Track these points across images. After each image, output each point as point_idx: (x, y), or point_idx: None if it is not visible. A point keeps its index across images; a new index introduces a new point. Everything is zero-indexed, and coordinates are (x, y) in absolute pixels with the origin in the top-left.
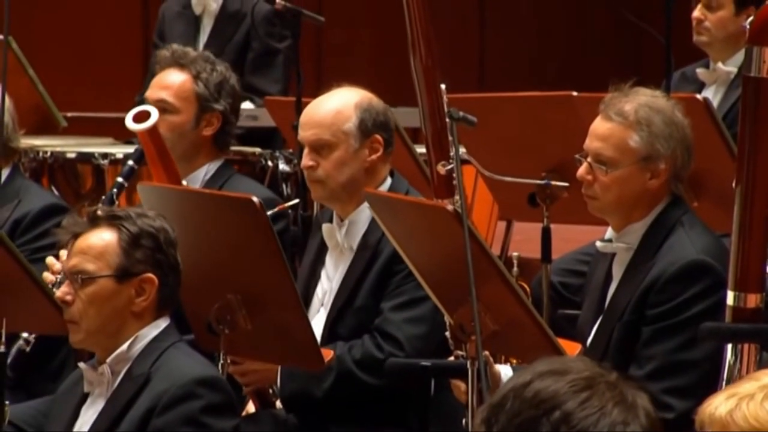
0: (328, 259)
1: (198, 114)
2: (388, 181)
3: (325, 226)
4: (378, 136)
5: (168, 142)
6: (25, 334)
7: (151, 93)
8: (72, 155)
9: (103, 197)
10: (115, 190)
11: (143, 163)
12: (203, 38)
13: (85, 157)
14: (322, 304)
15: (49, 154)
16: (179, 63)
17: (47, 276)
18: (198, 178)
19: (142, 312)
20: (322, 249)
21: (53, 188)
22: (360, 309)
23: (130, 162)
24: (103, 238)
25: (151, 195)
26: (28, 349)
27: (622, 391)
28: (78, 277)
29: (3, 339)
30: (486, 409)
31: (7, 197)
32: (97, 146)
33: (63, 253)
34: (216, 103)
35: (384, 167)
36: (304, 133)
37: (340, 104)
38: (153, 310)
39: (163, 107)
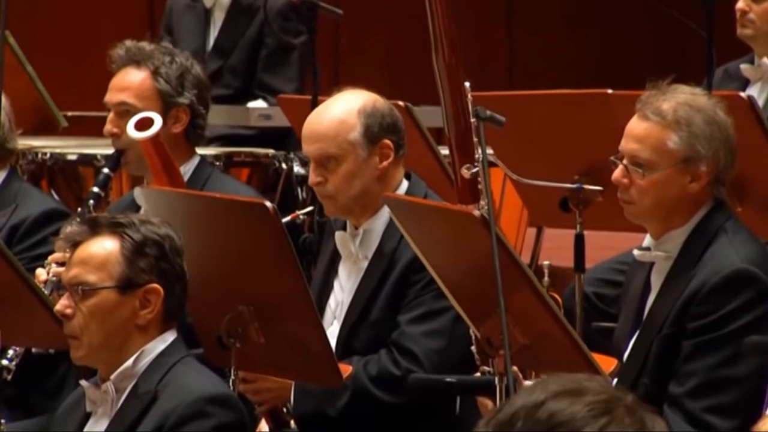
0: (342, 269)
1: (163, 112)
2: (404, 184)
3: (338, 234)
4: (387, 141)
5: (136, 145)
6: (11, 351)
7: (110, 96)
8: (73, 157)
9: (79, 209)
10: (91, 201)
11: (119, 170)
12: (214, 32)
13: (86, 159)
14: (335, 317)
15: (48, 155)
16: (135, 60)
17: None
18: None
19: (148, 325)
20: (335, 257)
21: (53, 192)
22: (376, 322)
23: (105, 170)
24: (105, 246)
25: (155, 200)
26: (11, 364)
27: (642, 417)
28: (78, 289)
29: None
30: (491, 425)
31: (3, 202)
32: (99, 147)
33: (55, 257)
34: (180, 97)
35: (397, 171)
36: (307, 148)
37: (342, 113)
38: (159, 323)
39: (125, 110)
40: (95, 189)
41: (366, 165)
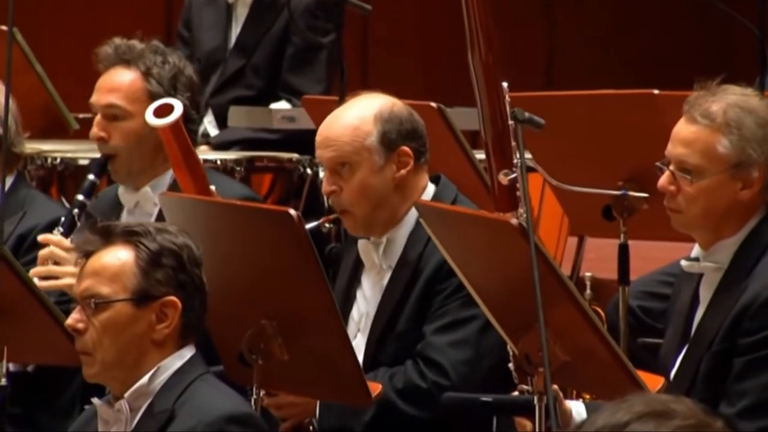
0: (365, 279)
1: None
2: (431, 189)
3: (361, 243)
4: (405, 148)
5: (124, 152)
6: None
7: (98, 98)
8: (85, 162)
9: (62, 219)
10: (75, 210)
11: (104, 176)
12: (236, 29)
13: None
14: (358, 329)
15: (58, 160)
16: (124, 59)
17: (57, 249)
18: (163, 183)
19: (164, 340)
20: (358, 266)
21: (63, 199)
22: (402, 334)
23: (90, 176)
24: (119, 257)
25: (172, 207)
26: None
27: None
28: (91, 302)
29: (4, 370)
30: None
31: (10, 209)
32: None
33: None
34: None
35: (418, 180)
36: (321, 154)
37: (357, 118)
38: (176, 338)
39: (114, 113)
40: (80, 197)
41: (382, 173)
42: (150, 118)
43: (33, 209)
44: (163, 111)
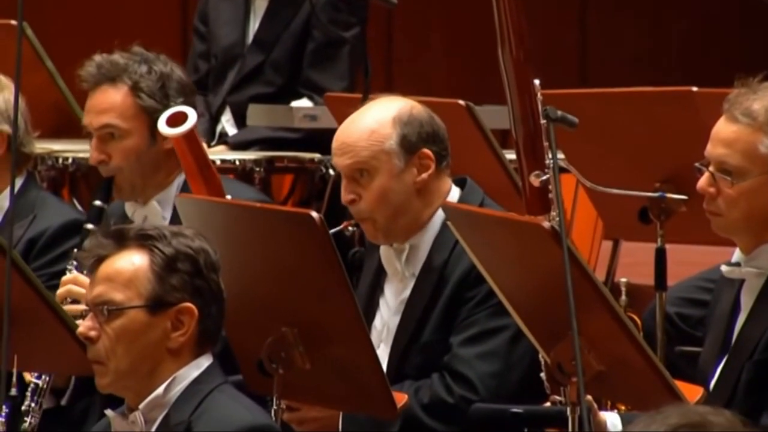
0: (388, 287)
1: (151, 128)
2: (455, 193)
3: (383, 250)
4: (426, 151)
5: (126, 170)
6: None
7: (90, 120)
8: None
9: (74, 251)
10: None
11: (110, 202)
12: (254, 24)
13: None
14: (381, 339)
15: (70, 160)
16: (109, 77)
17: (74, 287)
18: (171, 194)
19: (180, 349)
20: (380, 273)
21: (75, 201)
22: (427, 345)
23: (97, 202)
24: (133, 261)
25: (188, 210)
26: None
27: None
28: (103, 309)
29: (15, 380)
30: None
31: (20, 212)
32: None
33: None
34: (166, 109)
35: (441, 184)
36: (338, 160)
37: (375, 121)
38: (193, 347)
39: (110, 133)
40: (89, 226)
41: (402, 178)
42: (163, 127)
43: (43, 212)
44: (176, 119)
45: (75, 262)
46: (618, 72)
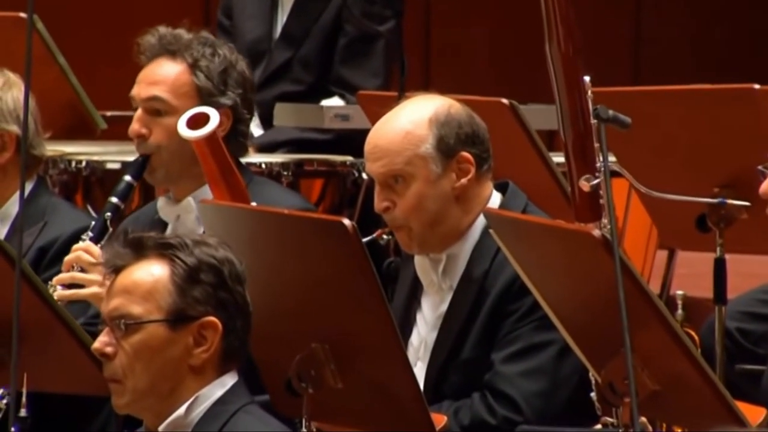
0: (425, 300)
1: None
2: (496, 198)
3: (418, 260)
4: (465, 154)
5: (165, 152)
6: None
7: (139, 90)
8: (113, 165)
9: (92, 223)
10: (108, 214)
11: (142, 178)
12: (282, 17)
13: (113, 191)
14: (418, 357)
15: (84, 163)
16: (170, 50)
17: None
18: (207, 193)
19: (203, 366)
20: (416, 286)
21: (89, 207)
22: (466, 362)
23: (127, 177)
24: (152, 272)
25: (212, 216)
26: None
27: None
28: (121, 323)
29: (24, 400)
30: None
31: (30, 219)
32: None
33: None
34: (223, 97)
35: (482, 189)
36: (371, 166)
37: (409, 122)
38: (216, 364)
39: (156, 108)
40: (114, 199)
41: (439, 184)
42: (183, 129)
43: (55, 219)
44: (198, 121)
45: (91, 233)
46: (674, 68)
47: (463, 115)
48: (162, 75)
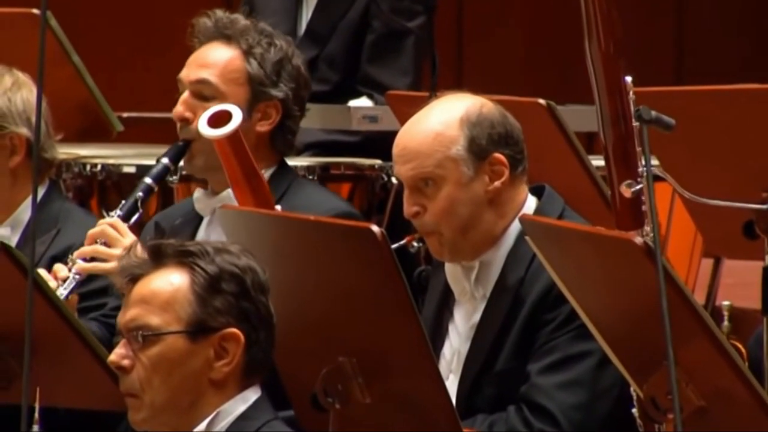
0: (457, 310)
1: (250, 102)
2: (531, 202)
3: (448, 267)
4: (498, 155)
5: (207, 139)
6: None
7: (188, 72)
8: (130, 169)
9: (122, 202)
10: (139, 194)
11: (179, 163)
12: (306, 13)
13: (146, 172)
14: (450, 370)
15: (99, 167)
16: (224, 34)
17: (110, 229)
18: None
19: (225, 380)
20: (448, 294)
21: (104, 213)
22: (501, 374)
23: (165, 160)
24: (171, 281)
25: (234, 222)
26: None
27: None
28: (138, 335)
29: (36, 415)
30: None
31: (42, 226)
32: None
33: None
34: (274, 89)
35: (516, 192)
36: (399, 169)
37: (439, 123)
38: (239, 378)
39: (203, 92)
40: (147, 180)
41: (471, 187)
42: (203, 127)
43: (68, 225)
44: (220, 119)
45: (119, 211)
46: (720, 67)
47: (495, 114)
48: (214, 58)
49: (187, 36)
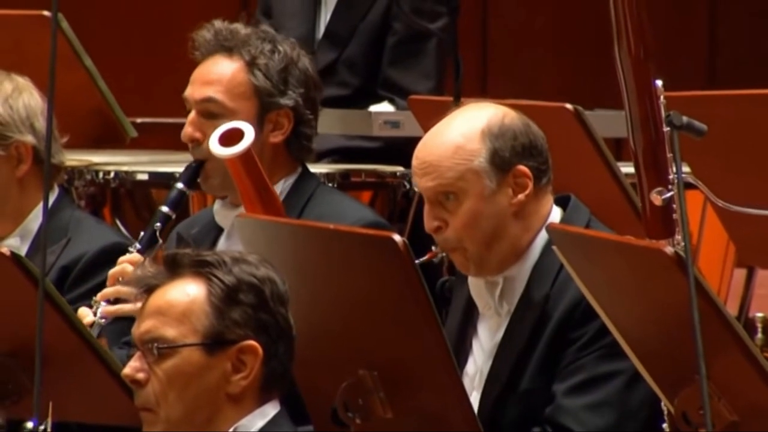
0: (481, 325)
1: (260, 114)
2: (556, 213)
3: (471, 281)
4: (522, 167)
5: (219, 160)
6: None
7: (193, 91)
8: (144, 177)
9: (141, 234)
10: (157, 225)
11: (196, 187)
12: (325, 16)
13: (161, 180)
14: (473, 387)
15: (112, 174)
16: (226, 47)
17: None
18: None
19: (242, 394)
20: (471, 309)
21: (117, 222)
22: (525, 394)
23: (179, 185)
24: (187, 292)
25: (252, 232)
26: None
27: None
28: (153, 347)
29: (49, 430)
30: None
31: (51, 235)
32: (178, 164)
33: (105, 293)
34: (283, 97)
35: (541, 205)
36: (419, 182)
37: (460, 135)
38: (257, 392)
39: (210, 110)
40: (164, 209)
41: (495, 200)
42: (215, 147)
43: (79, 235)
44: (232, 137)
45: (138, 245)
46: (753, 71)
47: (518, 124)
48: (217, 74)
49: (188, 50)
